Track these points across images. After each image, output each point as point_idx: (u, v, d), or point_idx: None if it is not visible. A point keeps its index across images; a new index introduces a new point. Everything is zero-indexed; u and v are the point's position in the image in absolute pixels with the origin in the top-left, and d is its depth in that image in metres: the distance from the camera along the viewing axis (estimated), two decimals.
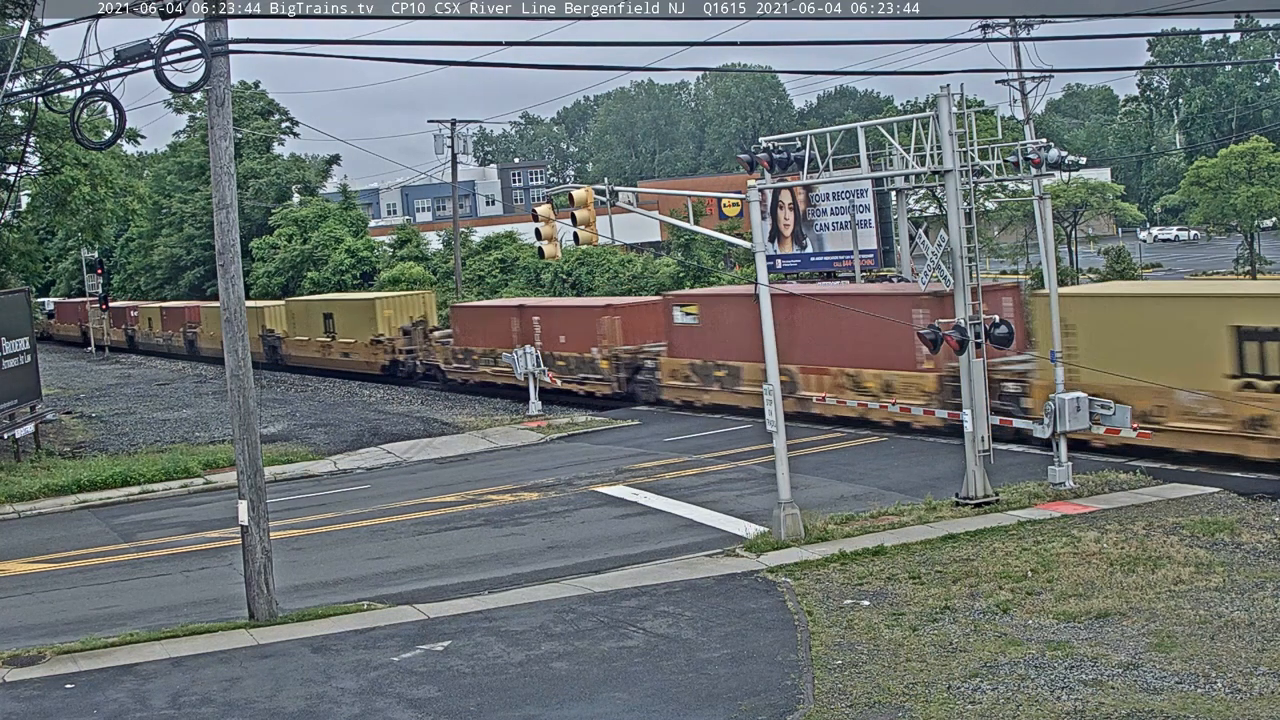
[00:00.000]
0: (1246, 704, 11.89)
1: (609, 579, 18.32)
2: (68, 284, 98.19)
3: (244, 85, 75.55)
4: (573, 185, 23.45)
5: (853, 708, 12.62)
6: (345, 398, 45.92)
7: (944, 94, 20.45)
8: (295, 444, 34.68)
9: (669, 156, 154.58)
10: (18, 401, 33.59)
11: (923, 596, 16.09)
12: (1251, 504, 19.43)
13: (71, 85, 19.18)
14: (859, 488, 23.34)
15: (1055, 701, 12.28)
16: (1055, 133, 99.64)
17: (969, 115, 20.81)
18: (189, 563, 22.04)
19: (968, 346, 20.52)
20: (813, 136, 21.79)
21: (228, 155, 17.32)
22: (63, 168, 37.87)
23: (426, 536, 22.60)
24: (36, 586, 21.09)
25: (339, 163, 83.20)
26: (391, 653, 15.61)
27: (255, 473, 17.46)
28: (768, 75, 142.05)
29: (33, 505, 28.24)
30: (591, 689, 13.86)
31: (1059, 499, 20.70)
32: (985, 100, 51.31)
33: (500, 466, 29.28)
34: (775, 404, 19.85)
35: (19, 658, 16.40)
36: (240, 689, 14.74)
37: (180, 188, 79.92)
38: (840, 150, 22.74)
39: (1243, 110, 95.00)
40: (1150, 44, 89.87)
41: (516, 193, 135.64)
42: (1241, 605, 14.70)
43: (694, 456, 27.76)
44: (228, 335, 17.54)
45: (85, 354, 77.78)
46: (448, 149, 61.11)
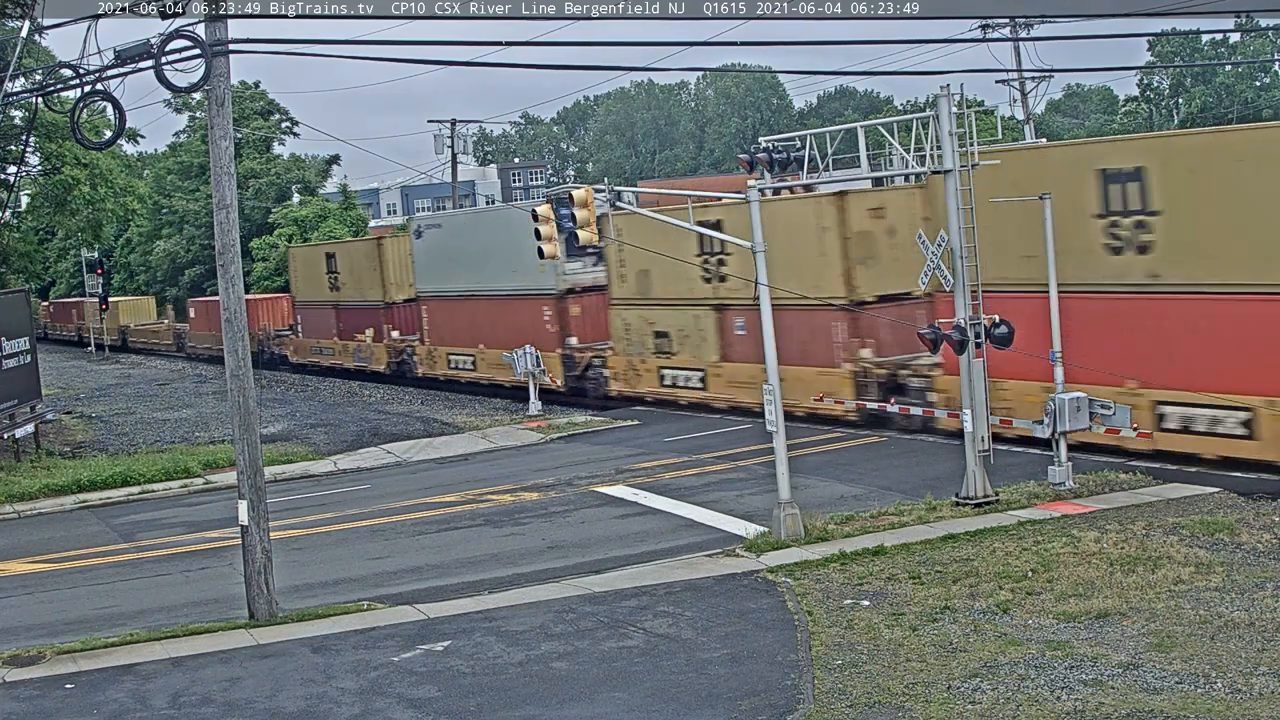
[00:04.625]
0: (1246, 704, 11.89)
1: (609, 579, 18.32)
2: (68, 284, 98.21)
3: (244, 85, 75.56)
4: (573, 185, 23.44)
5: (853, 708, 12.63)
6: (345, 398, 45.92)
7: (944, 94, 20.45)
8: (295, 444, 34.69)
9: (669, 156, 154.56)
10: (18, 401, 33.61)
11: (923, 596, 16.09)
12: (1251, 504, 19.43)
13: (71, 85, 19.19)
14: (859, 488, 23.35)
15: (1055, 701, 12.28)
16: (1055, 133, 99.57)
17: (969, 115, 20.80)
18: (189, 563, 22.05)
19: (967, 346, 20.52)
20: (813, 136, 21.77)
21: (228, 155, 17.32)
22: (63, 168, 37.90)
23: (426, 536, 22.61)
24: (36, 586, 21.10)
25: (339, 163, 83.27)
26: (391, 653, 15.62)
27: (255, 473, 17.46)
28: (768, 75, 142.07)
29: (33, 505, 28.25)
30: (591, 689, 13.86)
31: (1059, 499, 20.70)
32: (985, 100, 51.30)
33: (500, 466, 29.29)
34: (775, 404, 19.85)
35: (19, 658, 16.41)
36: (240, 689, 14.74)
37: (180, 188, 79.94)
38: (840, 150, 22.73)
39: (1243, 110, 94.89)
40: (1150, 44, 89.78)
41: (516, 193, 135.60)
42: (1241, 605, 14.69)
43: (694, 456, 27.77)
44: (228, 335, 17.54)
45: (85, 354, 77.78)
46: (448, 149, 61.18)
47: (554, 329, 38.21)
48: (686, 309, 33.26)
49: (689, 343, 33.39)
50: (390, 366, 47.89)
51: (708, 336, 32.71)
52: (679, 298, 33.37)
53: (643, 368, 35.11)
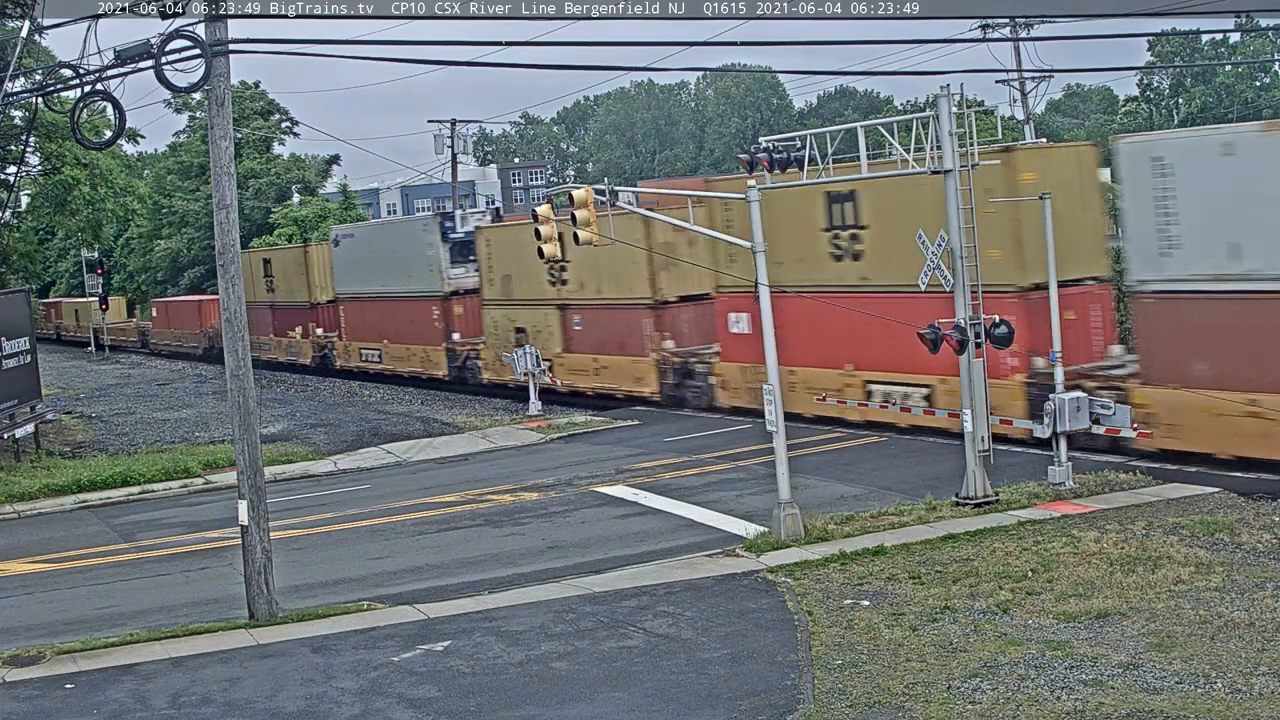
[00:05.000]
0: (1246, 704, 11.89)
1: (609, 579, 18.33)
2: (68, 284, 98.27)
3: (244, 85, 75.62)
4: (573, 185, 23.48)
5: (853, 708, 12.63)
6: (345, 398, 45.96)
7: (944, 94, 20.44)
8: (295, 444, 34.69)
9: (669, 156, 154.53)
10: (18, 401, 33.61)
11: (923, 596, 16.09)
12: (1251, 504, 19.43)
13: (71, 85, 19.19)
14: (859, 488, 23.35)
15: (1055, 701, 12.28)
16: (1055, 133, 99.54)
17: (969, 115, 20.79)
18: (189, 563, 22.05)
19: (968, 346, 20.52)
20: (813, 136, 21.78)
21: (228, 155, 17.32)
22: (63, 168, 37.94)
23: (426, 536, 22.61)
24: (36, 586, 21.11)
25: (339, 163, 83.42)
26: (391, 653, 15.62)
27: (255, 473, 17.46)
28: (768, 75, 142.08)
29: (33, 505, 28.26)
30: (591, 689, 13.87)
31: (1059, 499, 20.70)
32: (985, 100, 51.26)
33: (500, 466, 29.29)
34: (775, 404, 19.85)
35: (19, 658, 16.41)
36: (240, 689, 14.74)
37: (180, 188, 79.97)
38: (840, 150, 22.72)
39: (1243, 110, 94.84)
40: (1150, 44, 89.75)
41: (516, 193, 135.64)
42: (1241, 605, 14.69)
43: (694, 456, 27.77)
44: (228, 335, 17.54)
45: (85, 354, 77.82)
46: (448, 149, 61.17)
47: (440, 326, 44.55)
48: (538, 308, 38.96)
49: (540, 337, 38.68)
50: (315, 360, 54.38)
51: (554, 332, 38.32)
52: (533, 299, 39.10)
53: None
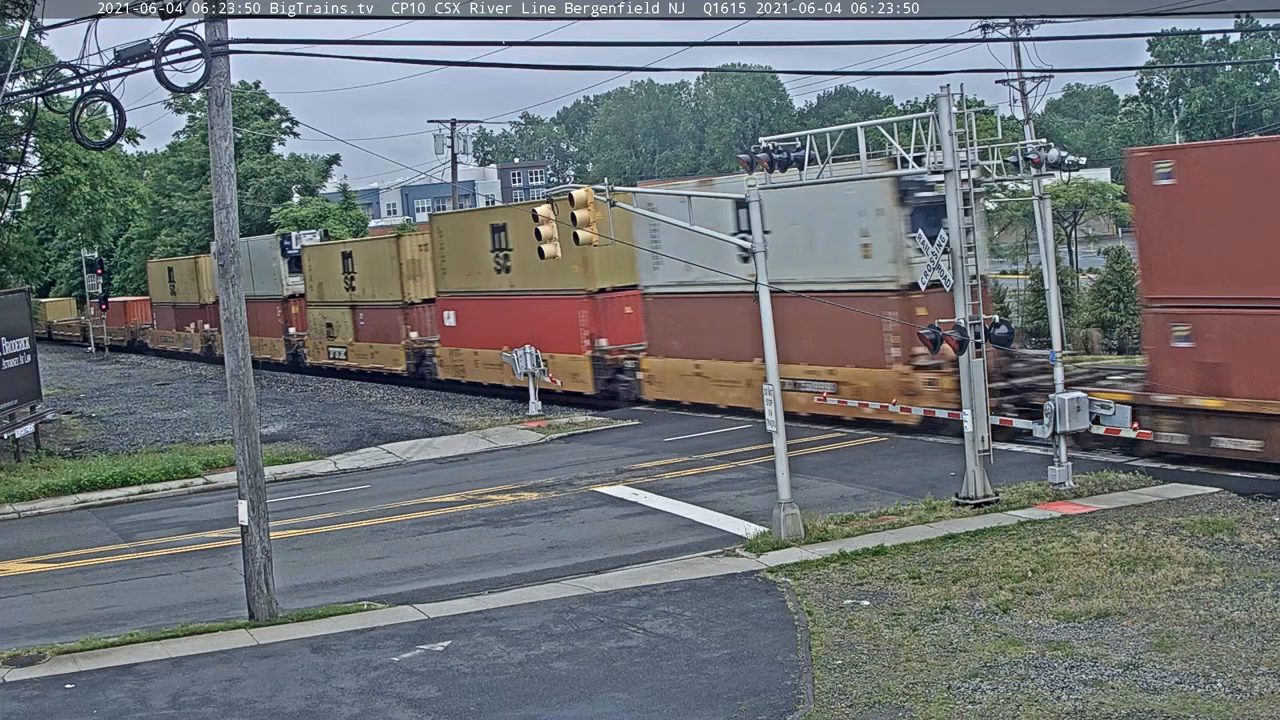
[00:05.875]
0: (1246, 704, 11.89)
1: (609, 579, 18.33)
2: (68, 284, 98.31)
3: (244, 85, 75.54)
4: (573, 185, 23.47)
5: (853, 708, 12.63)
6: (346, 398, 45.95)
7: (944, 94, 20.44)
8: (295, 444, 34.68)
9: (669, 156, 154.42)
10: (18, 401, 33.61)
11: (923, 596, 16.09)
12: (1251, 504, 19.44)
13: (71, 85, 19.20)
14: (859, 488, 23.35)
15: (1055, 701, 12.29)
16: (1055, 133, 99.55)
17: (969, 115, 20.79)
18: (189, 563, 22.05)
19: (968, 346, 20.53)
20: (813, 136, 21.78)
21: (228, 155, 17.32)
22: (63, 168, 37.90)
23: (426, 536, 22.61)
24: (36, 586, 21.10)
25: (339, 163, 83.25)
26: (391, 653, 15.62)
27: (255, 473, 17.46)
28: (768, 75, 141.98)
29: (33, 505, 28.25)
30: (591, 689, 13.87)
31: (1059, 499, 20.71)
32: (985, 100, 51.28)
33: (500, 466, 29.29)
34: (775, 404, 19.86)
35: (19, 658, 16.41)
36: (240, 689, 14.75)
37: (180, 188, 79.90)
38: (840, 150, 22.73)
39: (1243, 110, 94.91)
40: (1150, 44, 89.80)
41: (516, 193, 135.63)
42: (1241, 605, 14.70)
43: (694, 456, 27.77)
44: (227, 335, 17.54)
45: (85, 354, 77.82)
46: (448, 149, 61.18)
47: (281, 322, 57.37)
48: (338, 308, 51.61)
49: (340, 330, 51.79)
50: (203, 350, 65.80)
51: (349, 327, 51.03)
52: (335, 300, 51.75)
53: (321, 347, 53.91)
